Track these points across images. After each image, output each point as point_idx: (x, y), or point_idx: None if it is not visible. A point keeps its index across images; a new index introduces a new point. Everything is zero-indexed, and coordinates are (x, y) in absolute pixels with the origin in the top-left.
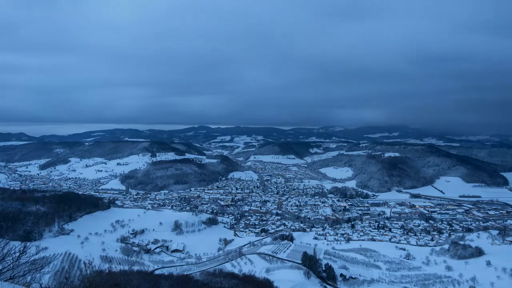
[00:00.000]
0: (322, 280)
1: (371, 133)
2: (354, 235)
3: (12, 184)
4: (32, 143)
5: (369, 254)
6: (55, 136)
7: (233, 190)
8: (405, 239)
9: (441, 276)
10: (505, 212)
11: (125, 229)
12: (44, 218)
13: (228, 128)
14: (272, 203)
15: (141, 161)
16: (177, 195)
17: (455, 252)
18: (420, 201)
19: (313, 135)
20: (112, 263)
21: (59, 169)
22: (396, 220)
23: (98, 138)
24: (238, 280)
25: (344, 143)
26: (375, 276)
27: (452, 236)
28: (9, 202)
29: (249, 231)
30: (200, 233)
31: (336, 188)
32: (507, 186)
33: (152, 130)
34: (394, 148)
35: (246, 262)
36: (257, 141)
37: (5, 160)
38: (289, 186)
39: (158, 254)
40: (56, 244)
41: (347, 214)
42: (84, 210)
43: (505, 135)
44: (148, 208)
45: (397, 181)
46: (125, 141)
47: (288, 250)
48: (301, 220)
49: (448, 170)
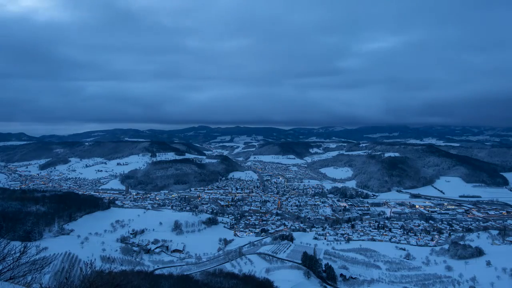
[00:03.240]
0: (322, 280)
1: (371, 133)
2: (354, 235)
3: (12, 184)
4: (32, 143)
5: (369, 254)
6: (55, 136)
7: (233, 190)
8: (405, 239)
9: (441, 276)
10: (505, 212)
11: (125, 229)
12: (44, 218)
13: (228, 128)
14: (272, 203)
15: (141, 161)
16: (177, 195)
17: (455, 252)
18: (420, 201)
19: (313, 135)
20: (112, 263)
21: (59, 169)
22: (396, 220)
23: (98, 138)
24: (238, 280)
25: (344, 143)
26: (375, 276)
27: (452, 236)
28: (9, 202)
29: (249, 231)
30: (200, 233)
31: (336, 188)
32: (507, 186)
33: (152, 130)
34: (394, 148)
35: (246, 262)
36: (257, 141)
37: (5, 160)
38: (289, 186)
39: (158, 254)
40: (56, 244)
41: (347, 214)
42: (84, 210)
43: (505, 135)
44: (148, 208)
45: (397, 181)
46: (125, 141)
47: (288, 250)
48: (301, 220)
49: (448, 170)
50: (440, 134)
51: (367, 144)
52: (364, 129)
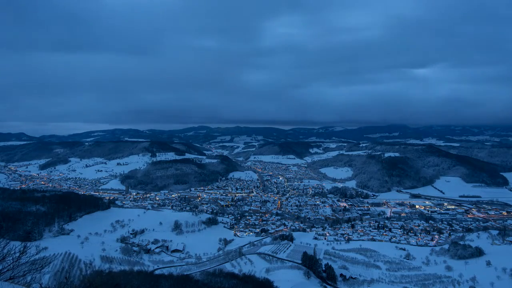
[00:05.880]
0: (322, 280)
1: (371, 133)
2: (354, 235)
3: (12, 184)
4: (32, 143)
5: (369, 254)
6: (55, 136)
7: (233, 190)
8: (405, 239)
9: (441, 276)
10: (505, 212)
11: (125, 229)
12: (44, 218)
13: (228, 128)
14: (272, 203)
15: (141, 161)
16: (177, 195)
17: (455, 252)
18: (420, 201)
19: (313, 135)
20: (112, 263)
21: (59, 169)
22: (396, 220)
23: (98, 138)
24: (238, 280)
25: (344, 143)
26: (375, 276)
27: (452, 236)
28: (9, 202)
29: (249, 231)
30: (200, 233)
31: (336, 188)
32: (507, 186)
33: (152, 130)
34: (394, 148)
35: (246, 262)
36: (257, 141)
37: (5, 160)
38: (289, 186)
39: (158, 254)
40: (56, 244)
41: (347, 214)
42: (84, 210)
43: (505, 135)
44: (148, 208)
45: (397, 181)
46: (125, 141)
47: (288, 250)
48: (301, 220)
49: (448, 170)
50: (440, 134)
51: (367, 144)
52: (364, 129)
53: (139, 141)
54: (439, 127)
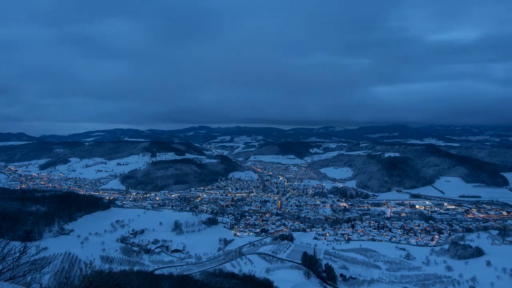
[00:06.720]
0: (322, 280)
1: (371, 133)
2: (354, 235)
3: (12, 184)
4: (32, 143)
5: (369, 254)
6: (55, 136)
7: (233, 190)
8: (405, 239)
9: (441, 276)
10: (505, 213)
11: (125, 229)
12: (44, 218)
13: (228, 128)
14: (272, 203)
15: (141, 161)
16: (177, 195)
17: (455, 252)
18: (420, 201)
19: (313, 135)
20: (112, 263)
21: (59, 169)
22: (396, 220)
23: (98, 138)
24: (238, 280)
25: (344, 143)
26: (375, 276)
27: (452, 236)
28: (9, 202)
29: (249, 231)
30: (200, 233)
31: (336, 188)
32: (507, 186)
33: (152, 130)
34: (394, 148)
35: (246, 262)
36: (257, 141)
37: (5, 160)
38: (289, 186)
39: (158, 254)
40: (56, 244)
41: (347, 214)
42: (84, 210)
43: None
44: (148, 208)
45: (397, 181)
46: (125, 141)
47: (288, 250)
48: (301, 220)
49: (448, 170)
50: (440, 134)
51: (367, 144)
52: (364, 129)
53: (139, 141)
54: (439, 127)
